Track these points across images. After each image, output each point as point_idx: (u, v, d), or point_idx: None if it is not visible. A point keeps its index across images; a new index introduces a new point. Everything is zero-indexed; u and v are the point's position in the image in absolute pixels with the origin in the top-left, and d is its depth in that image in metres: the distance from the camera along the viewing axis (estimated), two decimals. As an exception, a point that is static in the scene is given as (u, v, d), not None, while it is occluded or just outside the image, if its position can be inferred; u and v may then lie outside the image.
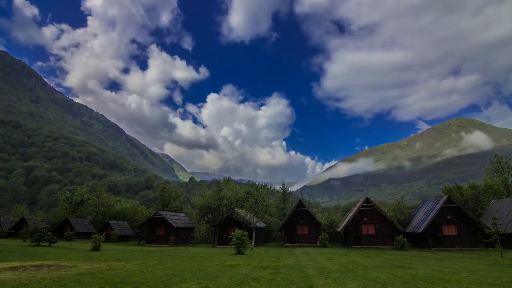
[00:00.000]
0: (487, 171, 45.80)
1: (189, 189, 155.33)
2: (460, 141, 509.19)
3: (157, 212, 39.90)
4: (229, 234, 36.96)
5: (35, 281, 9.65)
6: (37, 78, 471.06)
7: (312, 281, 10.87)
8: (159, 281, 10.38)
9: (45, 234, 28.14)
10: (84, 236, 47.45)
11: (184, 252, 25.31)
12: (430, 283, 10.48)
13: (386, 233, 32.80)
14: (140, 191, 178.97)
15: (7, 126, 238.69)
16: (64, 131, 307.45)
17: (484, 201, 40.13)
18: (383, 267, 14.89)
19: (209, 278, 11.17)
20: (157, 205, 58.29)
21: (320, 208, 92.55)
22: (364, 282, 10.53)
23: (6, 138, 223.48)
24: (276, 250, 29.15)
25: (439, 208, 30.37)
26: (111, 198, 61.39)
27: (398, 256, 21.56)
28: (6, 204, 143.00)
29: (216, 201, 47.77)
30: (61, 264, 14.53)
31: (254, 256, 21.15)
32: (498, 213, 31.28)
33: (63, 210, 55.33)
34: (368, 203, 34.13)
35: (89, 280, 10.19)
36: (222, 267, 14.62)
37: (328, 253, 24.65)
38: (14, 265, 13.41)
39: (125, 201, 77.48)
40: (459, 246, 29.65)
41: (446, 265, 16.24)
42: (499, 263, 17.32)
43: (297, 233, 36.60)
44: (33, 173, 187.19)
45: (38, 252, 21.43)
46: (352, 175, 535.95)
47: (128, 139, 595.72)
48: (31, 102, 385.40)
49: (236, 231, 24.14)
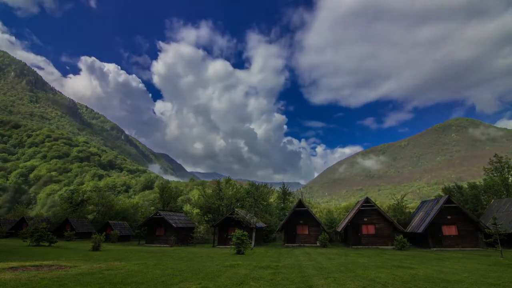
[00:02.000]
0: (487, 171, 45.77)
1: (189, 189, 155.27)
2: (460, 141, 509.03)
3: (157, 212, 39.87)
4: (229, 234, 36.94)
5: (35, 281, 9.65)
6: (37, 78, 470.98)
7: (312, 281, 10.87)
8: (159, 281, 10.37)
9: (45, 234, 28.13)
10: (84, 236, 47.42)
11: (184, 252, 25.30)
12: (430, 283, 10.48)
13: (386, 233, 32.80)
14: (140, 191, 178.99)
15: (7, 126, 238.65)
16: (64, 131, 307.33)
17: (484, 201, 40.13)
18: (383, 267, 14.89)
19: (209, 278, 11.17)
20: (157, 205, 58.27)
21: (320, 208, 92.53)
22: (364, 282, 10.53)
23: (6, 138, 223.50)
24: (276, 250, 29.14)
25: (439, 208, 30.37)
26: (111, 198, 61.39)
27: (398, 256, 21.55)
28: (6, 204, 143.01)
29: (216, 201, 47.76)
30: (61, 264, 14.53)
31: (254, 256, 21.14)
32: (498, 213, 31.28)
33: (63, 210, 55.32)
34: (368, 203, 34.11)
35: (89, 280, 10.18)
36: (222, 267, 14.62)
37: (328, 253, 24.64)
38: (14, 265, 13.41)
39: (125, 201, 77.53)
40: (459, 246, 29.63)
41: (446, 265, 16.23)
42: (499, 263, 17.31)
43: (297, 233, 36.58)
44: (33, 173, 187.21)
45: (38, 252, 21.43)
46: (352, 175, 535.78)
47: (128, 139, 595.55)
48: (31, 102, 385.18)
49: (236, 231, 24.14)
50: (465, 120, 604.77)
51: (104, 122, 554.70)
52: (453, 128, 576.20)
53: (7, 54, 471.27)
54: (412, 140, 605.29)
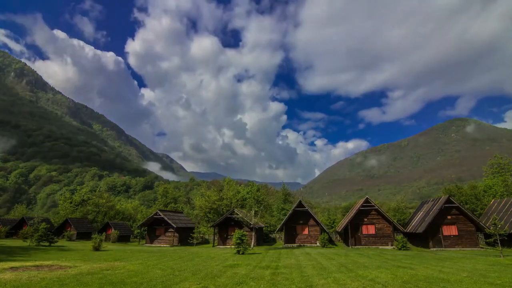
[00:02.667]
0: (487, 171, 45.80)
1: (189, 189, 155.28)
2: (460, 141, 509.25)
3: (157, 212, 39.89)
4: (229, 234, 36.98)
5: (35, 281, 9.66)
6: (37, 78, 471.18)
7: (312, 281, 10.88)
8: (159, 281, 10.38)
9: (45, 234, 28.15)
10: (84, 236, 47.44)
11: (184, 252, 25.30)
12: (430, 283, 10.48)
13: (386, 233, 32.81)
14: (140, 191, 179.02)
15: (7, 126, 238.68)
16: (64, 131, 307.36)
17: (484, 201, 40.14)
18: (383, 267, 14.89)
19: (209, 278, 11.17)
20: (157, 205, 58.30)
21: (320, 208, 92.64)
22: (364, 282, 10.53)
23: (6, 138, 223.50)
24: (276, 250, 29.14)
25: (439, 208, 30.37)
26: (111, 198, 61.42)
27: (398, 256, 21.55)
28: (6, 204, 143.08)
29: (216, 201, 47.78)
30: (61, 264, 14.53)
31: (254, 256, 21.14)
32: (498, 213, 31.30)
33: (63, 210, 55.37)
34: (368, 203, 34.12)
35: (89, 280, 10.19)
36: (222, 267, 14.63)
37: (328, 253, 24.64)
38: (14, 265, 13.42)
39: (125, 201, 77.60)
40: (459, 246, 29.64)
41: (446, 265, 16.23)
42: (499, 263, 17.31)
43: (297, 233, 36.60)
44: (33, 173, 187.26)
45: (38, 252, 21.44)
46: (352, 175, 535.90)
47: (128, 139, 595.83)
48: (31, 102, 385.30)
49: (236, 231, 24.15)
50: (465, 120, 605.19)
51: (104, 122, 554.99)
52: (453, 128, 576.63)
53: (7, 54, 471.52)
54: (412, 140, 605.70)
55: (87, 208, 57.05)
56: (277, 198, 59.08)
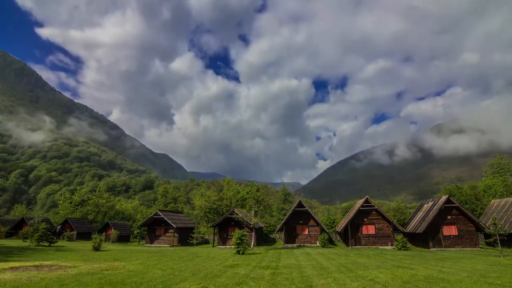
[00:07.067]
0: (487, 171, 45.81)
1: (189, 189, 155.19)
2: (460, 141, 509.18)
3: (157, 212, 39.87)
4: (229, 234, 36.99)
5: (35, 281, 9.66)
6: (37, 78, 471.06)
7: (312, 281, 10.88)
8: (159, 281, 10.38)
9: (45, 234, 28.14)
10: (84, 236, 47.42)
11: (184, 252, 25.30)
12: (430, 283, 10.49)
13: (386, 233, 32.81)
14: (140, 191, 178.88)
15: (7, 127, 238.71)
16: (64, 131, 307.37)
17: (484, 201, 40.16)
18: (383, 267, 14.89)
19: (209, 278, 11.18)
20: (157, 205, 58.31)
21: (320, 208, 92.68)
22: (364, 282, 10.54)
23: (6, 138, 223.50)
24: (276, 250, 29.14)
25: (439, 208, 30.37)
26: (111, 198, 61.42)
27: (398, 256, 21.55)
28: (6, 204, 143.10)
29: (216, 201, 47.79)
30: (61, 264, 14.54)
31: (254, 256, 21.14)
32: (498, 213, 31.30)
33: (63, 210, 55.36)
34: (368, 203, 34.11)
35: (89, 280, 10.19)
36: (222, 267, 14.63)
37: (328, 253, 24.64)
38: (14, 265, 13.42)
39: (125, 201, 77.62)
40: (459, 246, 29.64)
41: (446, 265, 16.23)
42: (499, 263, 17.32)
43: (297, 233, 36.59)
44: (33, 173, 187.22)
45: (38, 252, 21.44)
46: (352, 175, 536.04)
47: (128, 139, 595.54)
48: (31, 102, 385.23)
49: (236, 231, 24.16)
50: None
51: (104, 121, 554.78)
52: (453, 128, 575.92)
53: (7, 54, 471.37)
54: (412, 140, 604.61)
55: (87, 208, 57.04)
56: (277, 198, 59.14)
